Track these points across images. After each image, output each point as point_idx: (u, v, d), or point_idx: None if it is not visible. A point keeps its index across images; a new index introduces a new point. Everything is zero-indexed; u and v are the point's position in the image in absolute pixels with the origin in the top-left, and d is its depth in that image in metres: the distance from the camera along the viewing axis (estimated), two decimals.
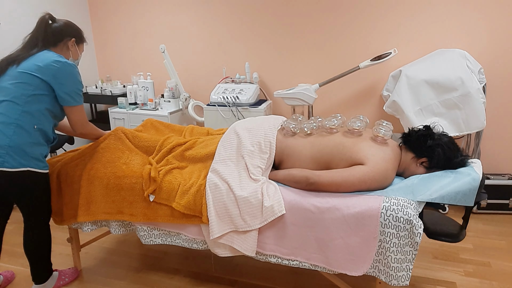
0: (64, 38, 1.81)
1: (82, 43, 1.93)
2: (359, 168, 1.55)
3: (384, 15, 2.94)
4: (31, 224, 1.84)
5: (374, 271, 1.52)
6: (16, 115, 1.63)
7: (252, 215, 1.58)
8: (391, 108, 2.69)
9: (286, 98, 2.90)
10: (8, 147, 1.61)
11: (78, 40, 1.88)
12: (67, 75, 1.68)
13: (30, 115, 1.65)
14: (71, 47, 1.85)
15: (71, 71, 1.70)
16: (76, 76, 1.72)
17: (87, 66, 3.86)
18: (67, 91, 1.69)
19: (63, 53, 1.82)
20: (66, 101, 1.72)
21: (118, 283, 2.10)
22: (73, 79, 1.71)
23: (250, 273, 2.15)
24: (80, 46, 1.91)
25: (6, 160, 1.60)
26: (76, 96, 1.74)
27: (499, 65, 2.77)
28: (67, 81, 1.69)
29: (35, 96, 1.66)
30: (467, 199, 1.49)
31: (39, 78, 1.65)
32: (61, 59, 1.69)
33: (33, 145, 1.67)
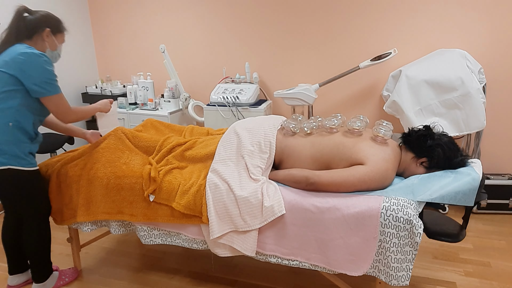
0: (38, 29, 1.74)
1: (60, 33, 1.82)
2: (359, 168, 1.55)
3: (384, 15, 2.94)
4: (23, 221, 1.84)
5: (374, 271, 1.52)
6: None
7: (252, 215, 1.58)
8: (391, 108, 2.69)
9: (286, 98, 2.90)
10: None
11: (54, 30, 1.78)
12: (34, 66, 1.62)
13: (3, 113, 1.63)
14: (46, 38, 1.77)
15: (38, 61, 1.63)
16: (44, 65, 1.65)
17: (87, 66, 3.86)
18: (36, 82, 1.64)
19: (38, 45, 1.75)
20: (38, 92, 1.66)
21: (118, 283, 2.10)
22: (40, 69, 1.64)
23: (250, 273, 2.15)
24: (58, 36, 1.81)
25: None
26: (47, 86, 1.67)
27: (499, 65, 2.77)
28: (35, 72, 1.63)
29: (6, 93, 1.63)
30: (467, 199, 1.49)
31: (7, 73, 1.61)
32: (27, 50, 1.63)
33: (11, 143, 1.66)
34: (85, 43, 3.82)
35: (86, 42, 3.83)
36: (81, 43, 3.76)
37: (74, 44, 3.67)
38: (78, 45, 3.73)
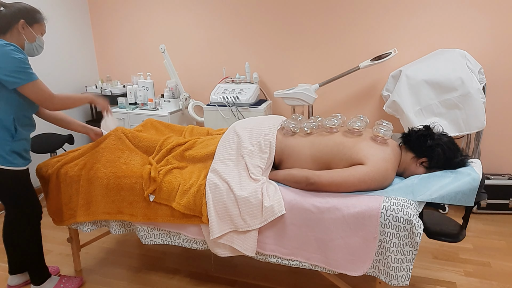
0: (12, 22, 1.68)
1: (37, 23, 1.75)
2: (359, 168, 1.55)
3: (384, 15, 2.94)
4: (12, 222, 1.83)
5: (374, 271, 1.52)
6: None
7: (252, 215, 1.58)
8: (391, 108, 2.69)
9: (286, 98, 2.90)
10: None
11: (30, 20, 1.72)
12: (1, 57, 1.57)
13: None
14: (22, 30, 1.71)
15: (3, 51, 1.57)
16: (11, 54, 1.58)
17: (87, 66, 3.86)
18: (6, 73, 1.58)
19: (15, 39, 1.71)
20: (12, 83, 1.61)
21: (118, 283, 2.10)
22: (7, 58, 1.57)
23: (250, 273, 2.15)
24: (35, 27, 1.75)
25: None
26: (19, 74, 1.60)
27: (499, 65, 2.77)
28: (2, 62, 1.57)
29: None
30: (467, 199, 1.49)
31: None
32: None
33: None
34: (85, 43, 3.82)
35: (86, 42, 3.83)
36: (81, 43, 3.76)
37: (74, 44, 3.68)
38: (78, 45, 3.73)
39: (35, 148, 2.98)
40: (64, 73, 3.57)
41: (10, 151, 1.70)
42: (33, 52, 1.78)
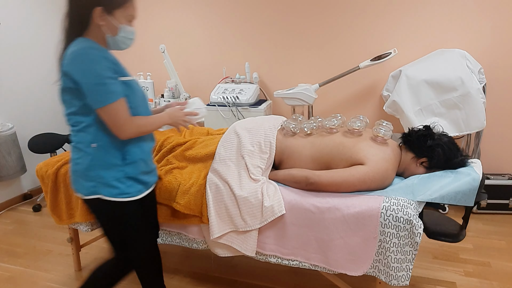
0: (86, 14, 1.27)
1: (118, 7, 1.29)
2: (359, 168, 1.55)
3: (384, 15, 2.94)
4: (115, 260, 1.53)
5: (374, 271, 1.52)
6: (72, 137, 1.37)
7: (252, 215, 1.58)
8: (391, 108, 2.69)
9: (286, 98, 2.90)
10: (75, 172, 1.37)
11: (108, 7, 1.27)
12: (77, 69, 1.23)
13: (82, 133, 1.33)
14: (101, 21, 1.28)
15: (80, 60, 1.23)
16: (89, 64, 1.22)
17: None
18: (85, 89, 1.25)
19: (96, 34, 1.32)
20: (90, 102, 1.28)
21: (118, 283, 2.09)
22: (83, 71, 1.22)
23: (250, 273, 2.15)
24: (117, 14, 1.29)
25: (77, 187, 1.38)
26: (96, 94, 1.24)
27: (499, 65, 2.77)
28: (79, 76, 1.23)
29: (77, 109, 1.31)
30: (467, 199, 1.49)
31: (66, 87, 1.29)
32: (72, 49, 1.25)
33: (98, 167, 1.33)
34: None
35: None
36: None
37: None
38: None
39: (35, 148, 2.98)
40: None
41: (125, 177, 1.36)
42: (119, 46, 1.37)
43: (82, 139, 1.33)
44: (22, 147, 3.17)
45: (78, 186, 1.38)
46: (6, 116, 3.07)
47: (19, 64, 3.15)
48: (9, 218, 2.93)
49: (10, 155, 2.91)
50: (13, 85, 3.11)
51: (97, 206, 1.37)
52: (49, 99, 3.44)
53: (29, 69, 3.23)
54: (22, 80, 3.18)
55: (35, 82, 3.29)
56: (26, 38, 3.18)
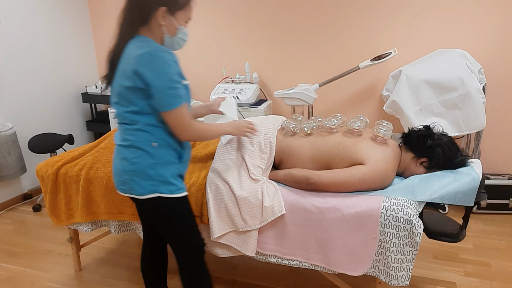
0: (150, 11, 1.28)
1: (181, 10, 1.32)
2: (359, 168, 1.55)
3: (385, 15, 2.94)
4: (177, 260, 1.52)
5: (374, 271, 1.52)
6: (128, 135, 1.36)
7: (252, 215, 1.58)
8: (391, 108, 2.69)
9: (286, 98, 2.90)
10: (131, 172, 1.35)
11: (172, 7, 1.30)
12: (151, 73, 1.24)
13: (142, 132, 1.33)
14: (163, 20, 1.30)
15: (156, 63, 1.24)
16: (163, 68, 1.24)
17: (87, 66, 3.86)
18: (154, 93, 1.27)
19: (155, 33, 1.32)
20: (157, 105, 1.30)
21: (118, 283, 2.10)
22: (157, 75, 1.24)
23: (250, 273, 2.15)
24: (178, 15, 1.32)
25: (133, 187, 1.35)
26: (167, 98, 1.28)
27: (499, 65, 2.77)
28: (152, 79, 1.24)
29: (138, 108, 1.32)
30: (467, 199, 1.49)
31: (129, 87, 1.28)
32: (141, 51, 1.24)
33: (157, 166, 1.34)
34: (85, 43, 3.82)
35: (86, 42, 3.83)
36: (81, 43, 3.76)
37: (74, 44, 3.68)
38: (78, 45, 3.73)
39: (35, 148, 2.98)
40: (64, 73, 3.58)
41: (177, 175, 1.41)
42: (173, 47, 1.40)
43: (141, 138, 1.32)
44: (22, 147, 3.17)
45: (134, 186, 1.34)
46: (6, 116, 3.07)
47: (19, 64, 3.15)
48: (9, 218, 2.93)
49: (10, 155, 2.90)
50: (13, 85, 3.11)
51: (156, 205, 1.37)
52: (49, 99, 3.44)
53: (29, 69, 3.23)
54: (22, 80, 3.18)
55: (35, 82, 3.29)
56: (26, 38, 3.18)
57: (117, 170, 1.38)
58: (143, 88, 1.26)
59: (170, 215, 1.40)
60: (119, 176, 1.38)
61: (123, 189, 1.38)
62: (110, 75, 1.37)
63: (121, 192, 1.40)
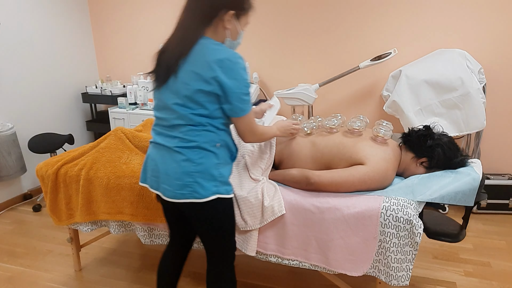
0: (219, 11, 1.26)
1: (245, 15, 1.33)
2: (359, 168, 1.55)
3: (384, 15, 2.94)
4: (209, 264, 1.48)
5: (374, 271, 1.52)
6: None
7: (252, 215, 1.58)
8: (391, 108, 2.69)
9: (286, 98, 2.90)
10: (195, 173, 1.30)
11: (238, 11, 1.29)
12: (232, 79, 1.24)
13: (210, 133, 1.32)
14: (228, 24, 1.29)
15: (236, 69, 1.25)
16: (243, 75, 1.25)
17: (87, 66, 3.86)
18: (231, 100, 1.27)
19: (218, 35, 1.31)
20: (231, 111, 1.30)
21: (118, 283, 2.10)
22: (237, 82, 1.25)
23: (250, 273, 2.15)
24: (242, 19, 1.33)
25: (195, 189, 1.30)
26: (242, 104, 1.29)
27: (499, 65, 2.77)
28: (232, 86, 1.24)
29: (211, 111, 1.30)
30: (467, 199, 1.49)
31: (204, 91, 1.25)
32: (222, 56, 1.22)
33: (220, 166, 1.34)
34: (85, 43, 3.82)
35: (86, 42, 3.83)
36: (81, 43, 3.76)
37: (74, 44, 3.68)
38: (78, 45, 3.73)
39: (35, 148, 2.98)
40: (64, 73, 3.58)
41: (229, 176, 1.40)
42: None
43: (207, 139, 1.30)
44: (22, 147, 3.17)
45: (197, 188, 1.28)
46: (6, 116, 3.07)
47: (19, 64, 3.15)
48: (9, 218, 2.93)
49: (10, 155, 2.90)
50: (13, 85, 3.11)
51: (214, 207, 1.33)
52: (49, 99, 3.44)
53: (29, 69, 3.23)
54: (22, 80, 3.18)
55: (35, 82, 3.29)
56: (26, 38, 3.18)
57: (175, 173, 1.29)
58: (218, 94, 1.25)
59: (224, 216, 1.38)
60: (179, 180, 1.29)
61: (182, 194, 1.29)
62: (164, 72, 1.29)
63: (176, 199, 1.30)
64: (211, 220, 1.37)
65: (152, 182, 1.39)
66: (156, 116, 1.38)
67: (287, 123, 1.65)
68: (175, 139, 1.30)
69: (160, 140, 1.35)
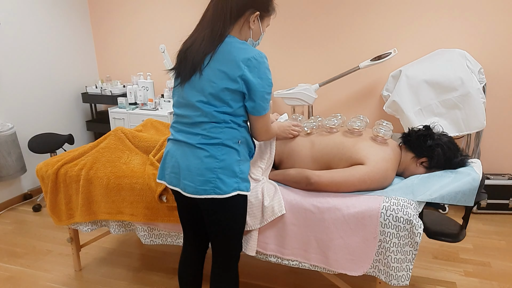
0: (245, 11, 1.29)
1: (268, 16, 1.36)
2: (359, 168, 1.55)
3: (384, 15, 2.94)
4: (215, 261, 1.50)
5: (374, 271, 1.52)
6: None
7: (252, 215, 1.58)
8: (391, 108, 2.69)
9: (286, 98, 2.90)
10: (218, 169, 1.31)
11: (263, 13, 1.33)
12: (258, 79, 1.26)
13: (233, 130, 1.34)
14: (253, 24, 1.32)
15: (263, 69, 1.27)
16: (268, 75, 1.29)
17: (87, 66, 3.86)
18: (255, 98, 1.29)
19: (242, 34, 1.34)
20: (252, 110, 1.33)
21: (118, 283, 2.10)
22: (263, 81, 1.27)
23: (250, 273, 2.15)
24: (265, 21, 1.37)
25: (218, 186, 1.31)
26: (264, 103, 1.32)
27: (499, 65, 2.77)
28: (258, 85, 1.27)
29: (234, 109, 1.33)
30: (467, 199, 1.49)
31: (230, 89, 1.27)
32: (249, 55, 1.25)
33: (241, 163, 1.35)
34: (85, 43, 3.82)
35: (86, 42, 3.83)
36: (81, 43, 3.76)
37: (74, 44, 3.68)
38: (78, 45, 3.73)
39: (35, 148, 2.98)
40: (64, 73, 3.58)
41: (248, 173, 1.41)
42: None
43: (230, 136, 1.32)
44: (22, 147, 3.17)
45: (219, 184, 1.30)
46: (6, 116, 3.07)
47: (19, 64, 3.15)
48: (9, 218, 2.93)
49: (10, 155, 2.90)
50: (13, 85, 3.11)
51: (233, 203, 1.35)
52: (49, 99, 3.44)
53: (29, 69, 3.23)
54: (22, 80, 3.18)
55: (35, 82, 3.29)
56: (26, 38, 3.18)
57: (198, 169, 1.30)
58: (243, 93, 1.27)
59: (240, 213, 1.39)
60: (201, 176, 1.30)
61: (204, 190, 1.30)
62: (189, 69, 1.30)
63: (199, 195, 1.31)
64: (227, 218, 1.37)
65: (171, 178, 1.39)
66: (176, 113, 1.38)
67: (286, 124, 1.67)
68: (198, 136, 1.31)
69: (181, 137, 1.35)
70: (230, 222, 1.39)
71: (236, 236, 1.44)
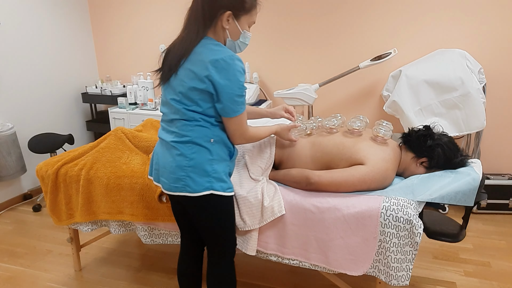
0: (217, 12, 1.29)
1: (246, 14, 1.33)
2: (359, 168, 1.55)
3: (384, 15, 2.94)
4: (209, 261, 1.53)
5: (374, 271, 1.52)
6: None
7: (251, 215, 1.58)
8: (391, 108, 2.69)
9: (286, 98, 2.90)
10: (188, 167, 1.33)
11: (236, 11, 1.31)
12: (226, 80, 1.26)
13: (203, 128, 1.35)
14: (227, 24, 1.31)
15: (231, 70, 1.26)
16: (238, 77, 1.27)
17: (87, 66, 3.86)
18: (223, 100, 1.29)
19: (218, 35, 1.34)
20: (221, 111, 1.33)
21: (118, 283, 2.10)
22: (231, 83, 1.27)
23: (250, 273, 2.15)
24: (242, 19, 1.33)
25: (188, 184, 1.33)
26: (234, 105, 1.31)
27: (499, 65, 2.77)
28: (225, 86, 1.26)
29: (203, 108, 1.34)
30: (467, 199, 1.49)
31: (198, 89, 1.29)
32: (218, 57, 1.25)
33: (214, 162, 1.35)
34: (85, 43, 3.82)
35: (86, 42, 3.83)
36: (81, 43, 3.76)
37: (74, 44, 3.68)
38: (78, 45, 3.73)
39: (35, 148, 2.98)
40: (64, 73, 3.58)
41: (228, 173, 1.42)
42: (234, 50, 1.41)
43: (201, 134, 1.33)
44: (22, 147, 3.17)
45: (189, 182, 1.32)
46: (6, 116, 3.07)
47: (19, 64, 3.15)
48: (9, 218, 2.93)
49: (10, 155, 2.90)
50: (13, 85, 3.11)
51: (208, 202, 1.36)
52: (49, 99, 3.44)
53: (29, 69, 3.23)
54: (22, 80, 3.18)
55: (35, 82, 3.29)
56: (26, 38, 3.18)
57: (170, 167, 1.34)
58: (211, 93, 1.28)
59: (219, 213, 1.40)
60: (173, 173, 1.33)
61: (176, 187, 1.34)
62: (167, 71, 1.36)
63: (171, 191, 1.35)
64: (206, 216, 1.40)
65: (155, 175, 1.46)
66: (161, 111, 1.45)
67: (286, 126, 1.66)
68: (172, 134, 1.36)
69: (161, 135, 1.43)
70: (212, 221, 1.41)
71: (222, 235, 1.46)
